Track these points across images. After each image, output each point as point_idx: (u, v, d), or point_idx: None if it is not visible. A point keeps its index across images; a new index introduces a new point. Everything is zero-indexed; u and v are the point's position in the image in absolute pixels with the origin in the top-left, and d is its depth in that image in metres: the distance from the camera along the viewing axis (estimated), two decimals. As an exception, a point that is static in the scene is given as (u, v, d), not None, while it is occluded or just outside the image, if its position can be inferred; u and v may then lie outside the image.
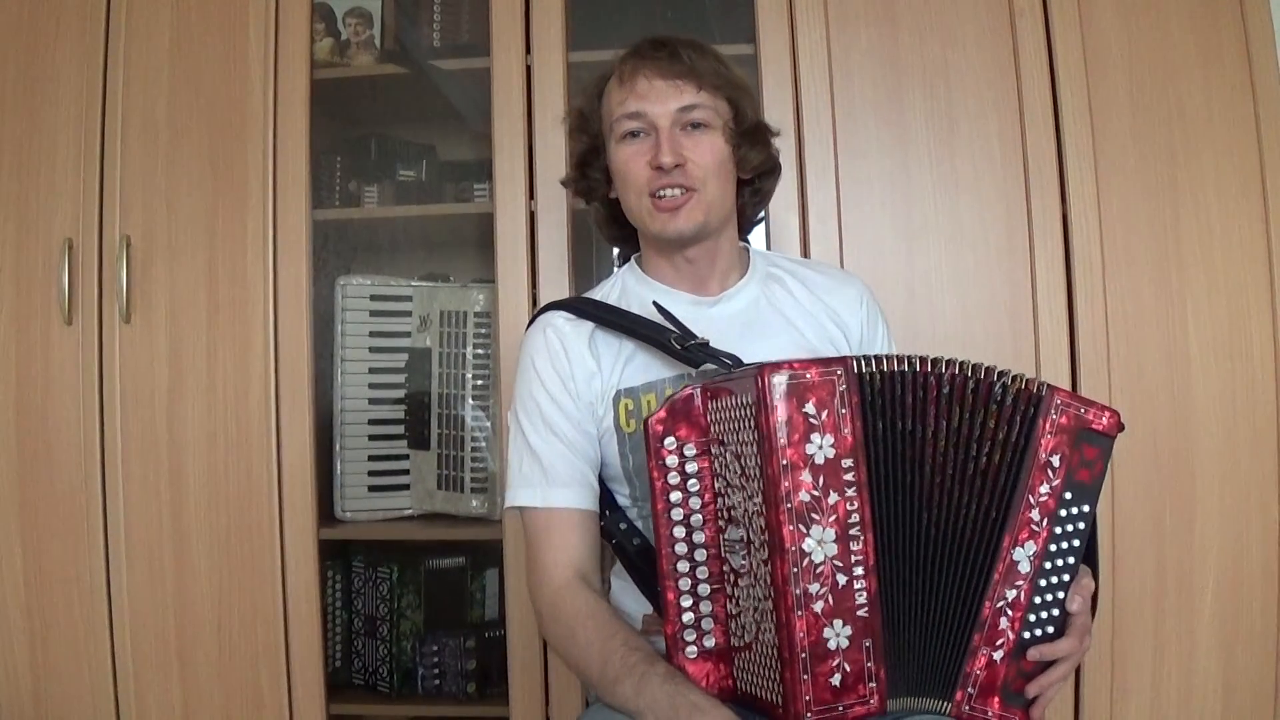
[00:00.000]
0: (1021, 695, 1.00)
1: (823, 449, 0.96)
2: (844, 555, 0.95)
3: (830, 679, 0.94)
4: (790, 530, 0.94)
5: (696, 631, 1.03)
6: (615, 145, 1.20)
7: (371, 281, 1.91)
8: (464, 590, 1.94)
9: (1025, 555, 0.99)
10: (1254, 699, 1.61)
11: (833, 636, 0.94)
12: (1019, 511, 0.99)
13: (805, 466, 0.95)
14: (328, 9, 1.88)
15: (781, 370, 0.96)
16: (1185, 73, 1.65)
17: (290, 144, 1.73)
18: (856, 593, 0.96)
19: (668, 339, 1.16)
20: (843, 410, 0.97)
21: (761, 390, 0.95)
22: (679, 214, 1.17)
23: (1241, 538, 1.61)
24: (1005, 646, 0.99)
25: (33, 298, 1.75)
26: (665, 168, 1.15)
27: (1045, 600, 1.01)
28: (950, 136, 1.67)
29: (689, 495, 1.03)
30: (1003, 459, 1.00)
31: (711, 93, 1.18)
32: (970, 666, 0.99)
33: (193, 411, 1.73)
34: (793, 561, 0.94)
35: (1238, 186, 1.63)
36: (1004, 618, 0.99)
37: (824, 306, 1.26)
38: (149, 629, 1.73)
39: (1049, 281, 1.64)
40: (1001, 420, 0.99)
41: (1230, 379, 1.62)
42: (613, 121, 1.20)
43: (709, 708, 0.97)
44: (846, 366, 0.98)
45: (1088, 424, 1.01)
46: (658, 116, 1.16)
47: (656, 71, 1.17)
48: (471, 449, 1.82)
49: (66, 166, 1.75)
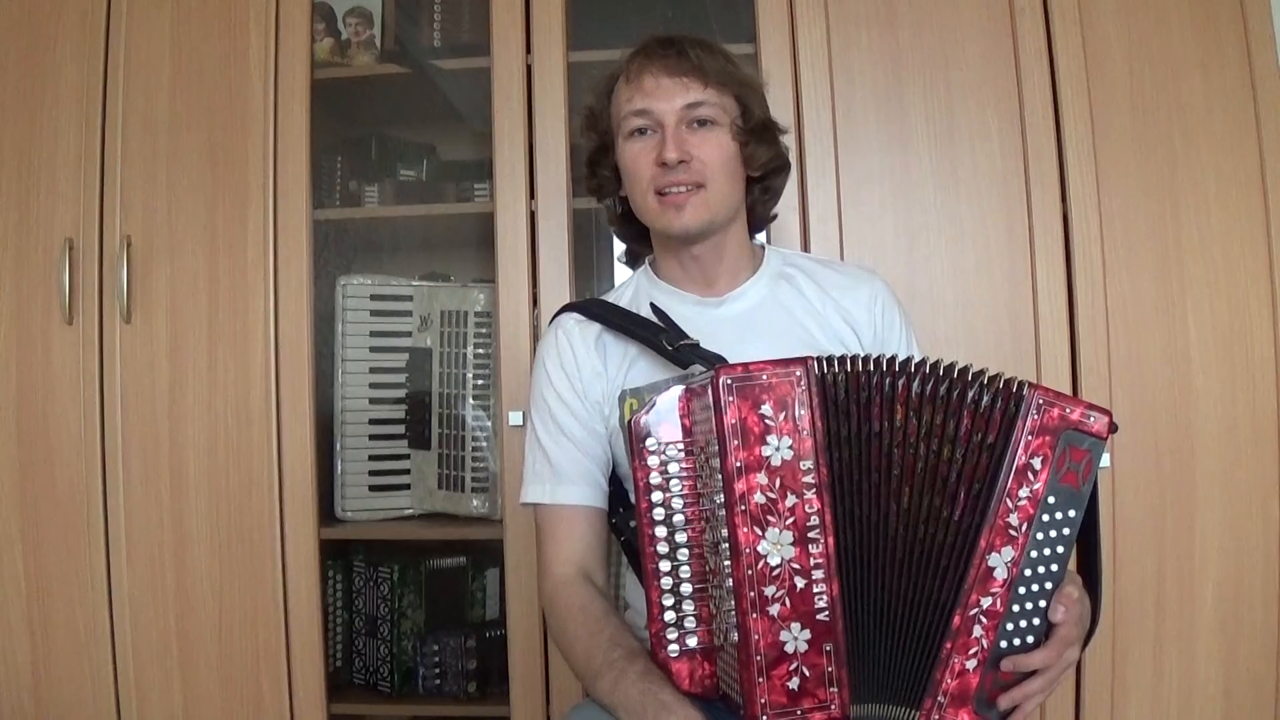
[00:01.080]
0: (996, 706, 0.96)
1: (779, 450, 0.95)
2: (802, 558, 0.95)
3: (787, 682, 0.94)
4: (745, 532, 0.94)
5: (679, 630, 1.02)
6: (623, 142, 1.21)
7: (372, 281, 1.91)
8: (465, 590, 1.94)
9: (1002, 562, 0.95)
10: (1254, 698, 1.61)
11: (790, 640, 0.94)
12: (995, 517, 0.95)
13: (761, 468, 0.95)
14: (328, 9, 1.88)
15: (735, 371, 0.95)
16: (1185, 72, 1.65)
17: (291, 144, 1.73)
18: (816, 596, 0.95)
19: (659, 339, 1.17)
20: (801, 411, 0.96)
21: (715, 391, 0.95)
22: (684, 210, 1.17)
23: (1242, 537, 1.61)
24: (979, 655, 0.95)
25: (33, 298, 1.75)
26: (670, 164, 1.15)
27: (1025, 609, 0.96)
28: (950, 136, 1.67)
29: (671, 495, 1.03)
30: (978, 462, 0.96)
31: (718, 90, 1.18)
32: (940, 675, 0.95)
33: (193, 411, 1.73)
34: (748, 564, 0.94)
35: (1238, 186, 1.63)
36: (978, 625, 0.95)
37: (834, 305, 1.25)
38: (149, 629, 1.73)
39: (1049, 281, 1.64)
40: (978, 422, 0.96)
41: (1230, 378, 1.62)
42: (620, 119, 1.20)
43: (676, 707, 0.97)
44: (807, 367, 0.97)
45: (1074, 424, 0.96)
46: (664, 114, 1.17)
47: (663, 69, 1.17)
48: (472, 449, 1.82)
49: (67, 166, 1.75)
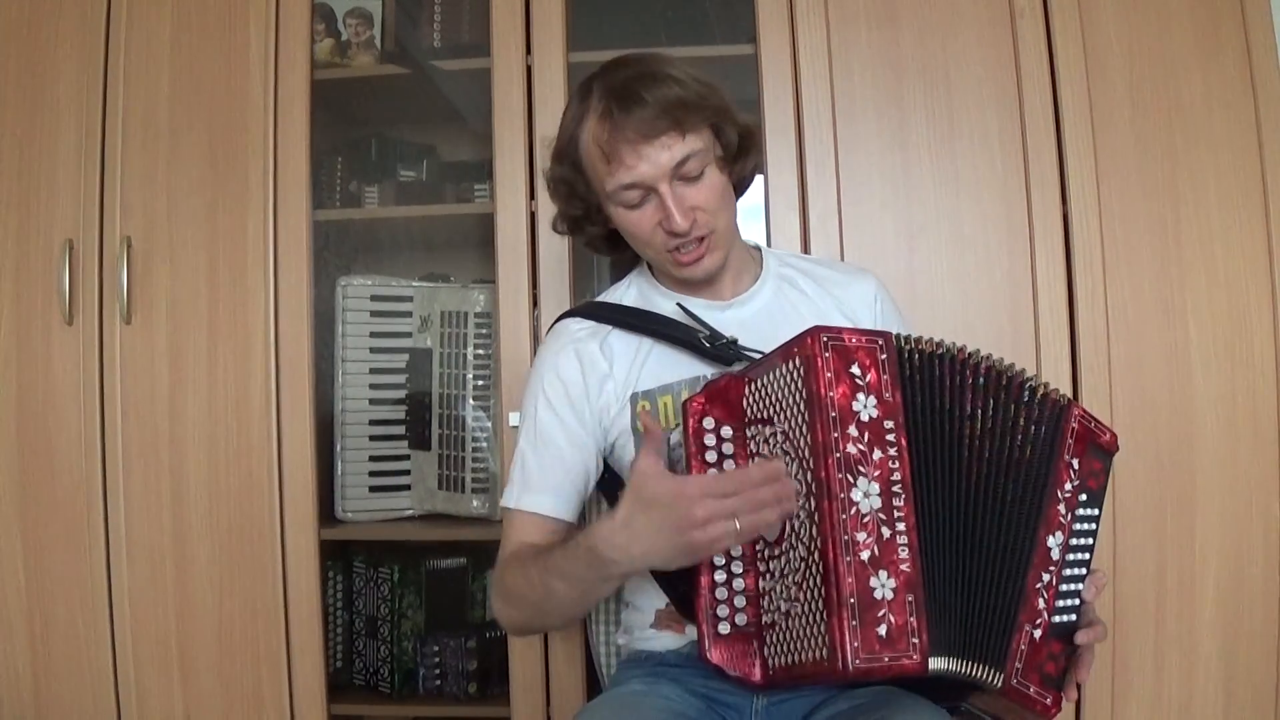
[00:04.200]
0: (1053, 677, 1.02)
1: (867, 408, 0.98)
2: (888, 510, 0.96)
3: (877, 629, 0.93)
4: (840, 478, 0.95)
5: (730, 608, 1.04)
6: (617, 210, 1.19)
7: (372, 282, 1.91)
8: (465, 590, 1.94)
9: (1055, 543, 1.04)
10: (1255, 699, 1.61)
11: (879, 586, 0.94)
12: (1049, 503, 1.04)
13: (852, 421, 0.97)
14: (328, 9, 1.88)
15: (830, 330, 0.99)
16: (1185, 72, 1.65)
17: (291, 144, 1.73)
18: (900, 547, 0.95)
19: (697, 338, 1.18)
20: (884, 376, 1.00)
21: (812, 348, 0.98)
22: (701, 262, 1.19)
23: (1242, 537, 1.61)
24: (1042, 626, 1.02)
25: (33, 298, 1.75)
26: (680, 233, 1.15)
27: (1068, 589, 1.05)
28: (950, 136, 1.67)
29: None
30: (1034, 453, 1.04)
31: (695, 131, 1.14)
32: (1017, 642, 1.00)
33: (193, 411, 1.72)
34: (841, 509, 0.94)
35: (1238, 186, 1.63)
36: (1041, 599, 1.02)
37: (834, 300, 1.27)
38: (149, 629, 1.73)
39: (1049, 281, 1.64)
40: (1031, 418, 1.05)
41: (1230, 378, 1.62)
42: (608, 193, 1.17)
43: (614, 554, 0.99)
44: (887, 338, 1.01)
45: (1096, 437, 1.09)
46: (655, 179, 1.13)
47: (638, 134, 1.12)
48: (472, 449, 1.82)
49: (67, 167, 1.75)
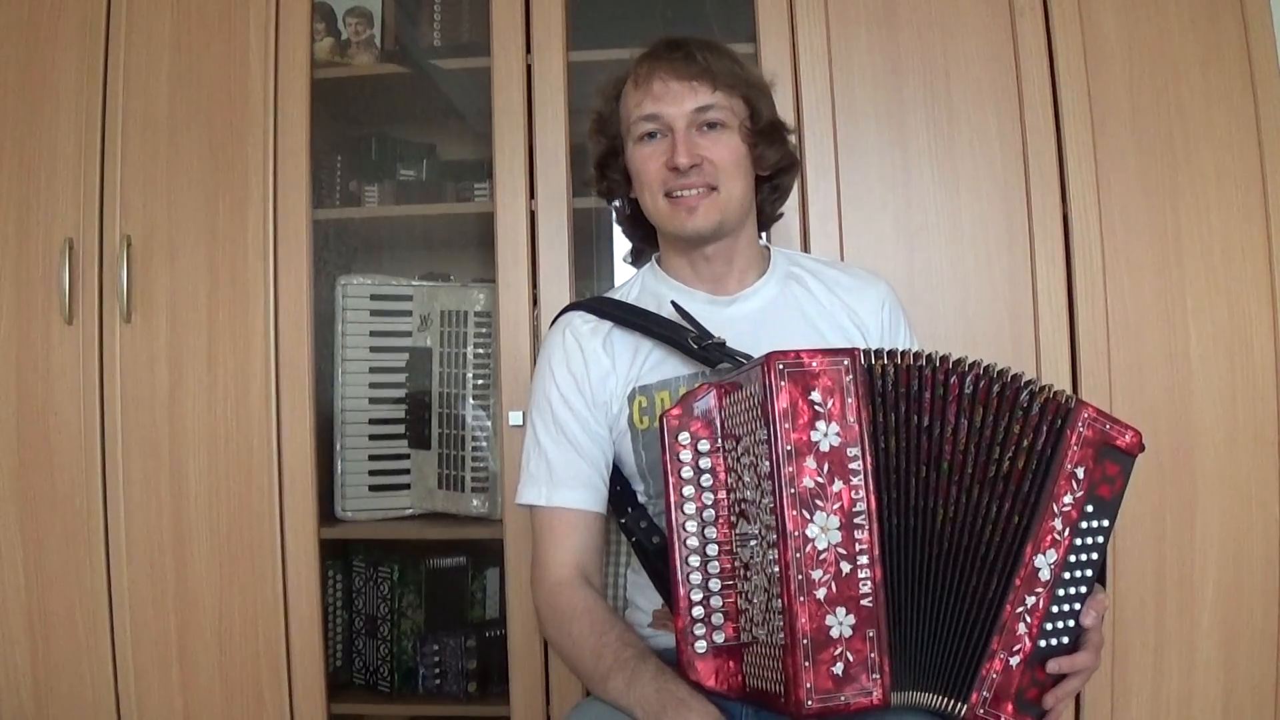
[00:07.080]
0: (1034, 704, 0.99)
1: (828, 436, 0.96)
2: (848, 543, 0.95)
3: (832, 667, 0.93)
4: (794, 515, 0.94)
5: (706, 626, 1.03)
6: (633, 146, 1.21)
7: (372, 281, 1.91)
8: (465, 590, 1.94)
9: (1046, 563, 0.98)
10: (1254, 698, 1.61)
11: (835, 624, 0.93)
12: (1043, 519, 0.98)
13: (810, 453, 0.95)
14: (328, 8, 1.88)
15: (787, 357, 0.97)
16: (1185, 71, 1.65)
17: (291, 143, 1.73)
18: (860, 581, 0.94)
19: (685, 338, 1.17)
20: (849, 399, 0.97)
21: (767, 376, 0.96)
22: (696, 212, 1.18)
23: (1242, 537, 1.61)
24: (1022, 653, 0.98)
25: (33, 298, 1.75)
26: (681, 168, 1.16)
27: (1062, 610, 1.00)
28: (950, 136, 1.67)
29: (702, 490, 1.04)
30: (1027, 465, 0.99)
31: (727, 92, 1.18)
32: (987, 669, 0.97)
33: (193, 411, 1.73)
34: (795, 547, 0.93)
35: (1238, 185, 1.63)
36: (1022, 624, 0.98)
37: (843, 305, 1.26)
38: (149, 629, 1.73)
39: (1049, 281, 1.64)
40: (1027, 427, 0.99)
41: (1230, 378, 1.62)
42: (629, 123, 1.20)
43: (694, 703, 0.98)
44: (853, 357, 0.98)
45: (1111, 440, 1.02)
46: (673, 118, 1.17)
47: (672, 73, 1.17)
48: (472, 448, 1.82)
49: (66, 166, 1.75)
